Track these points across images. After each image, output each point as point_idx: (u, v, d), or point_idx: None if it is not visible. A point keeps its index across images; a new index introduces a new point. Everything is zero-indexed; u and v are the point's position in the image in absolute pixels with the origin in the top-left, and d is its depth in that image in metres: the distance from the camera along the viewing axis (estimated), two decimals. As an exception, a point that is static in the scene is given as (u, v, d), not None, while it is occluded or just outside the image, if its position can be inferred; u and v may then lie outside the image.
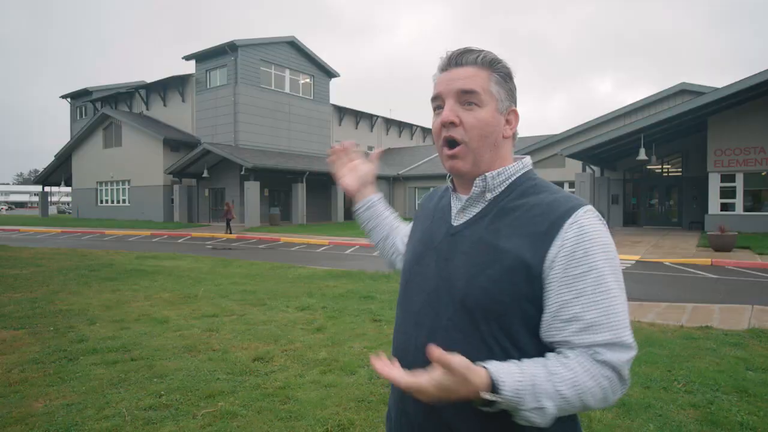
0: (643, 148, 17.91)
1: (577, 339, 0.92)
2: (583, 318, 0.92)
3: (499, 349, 0.96)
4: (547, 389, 0.88)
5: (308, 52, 30.05)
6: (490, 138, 1.05)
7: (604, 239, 0.96)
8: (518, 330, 0.96)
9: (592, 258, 0.93)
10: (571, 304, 0.92)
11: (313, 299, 6.89)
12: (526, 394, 0.87)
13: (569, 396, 0.89)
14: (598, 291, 0.92)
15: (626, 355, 0.92)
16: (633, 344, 0.93)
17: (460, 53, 1.06)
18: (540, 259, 0.94)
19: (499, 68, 1.06)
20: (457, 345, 0.96)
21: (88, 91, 36.95)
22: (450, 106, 1.04)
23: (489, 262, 0.98)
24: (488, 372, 0.87)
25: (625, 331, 0.93)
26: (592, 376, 0.90)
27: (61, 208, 63.54)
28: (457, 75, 1.04)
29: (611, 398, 0.93)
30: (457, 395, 0.87)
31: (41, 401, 3.40)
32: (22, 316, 5.81)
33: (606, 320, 0.91)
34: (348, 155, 1.50)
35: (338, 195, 29.17)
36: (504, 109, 1.06)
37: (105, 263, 10.71)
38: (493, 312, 0.96)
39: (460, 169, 1.06)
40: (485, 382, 0.86)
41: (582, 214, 0.96)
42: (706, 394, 3.54)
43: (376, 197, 1.50)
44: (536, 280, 0.94)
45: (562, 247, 0.94)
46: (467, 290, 0.99)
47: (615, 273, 0.95)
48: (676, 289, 8.16)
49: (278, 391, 3.59)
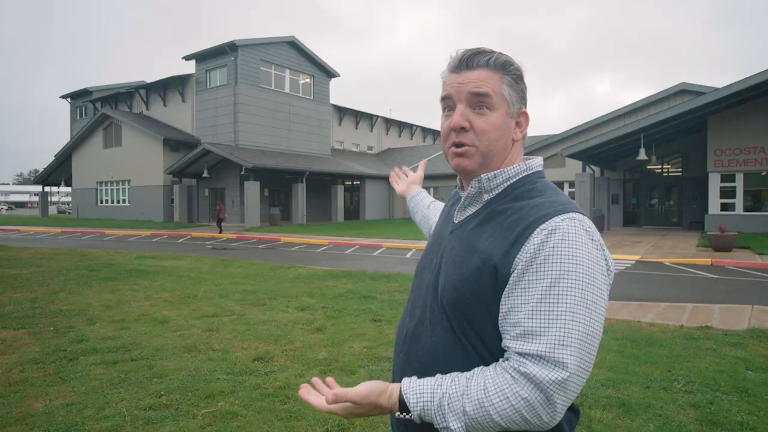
0: (643, 148, 17.91)
1: (512, 344, 0.89)
2: (523, 325, 0.88)
3: (470, 347, 0.98)
4: (455, 409, 0.89)
5: (308, 52, 30.04)
6: (500, 142, 1.04)
7: (576, 249, 0.89)
8: (487, 330, 0.96)
9: (551, 265, 0.88)
10: (517, 309, 0.90)
11: (313, 299, 6.89)
12: (433, 413, 0.90)
13: (476, 416, 0.87)
14: (546, 300, 0.87)
15: (554, 374, 0.83)
16: (568, 365, 0.83)
17: (472, 55, 1.04)
18: (508, 264, 0.93)
19: (511, 71, 1.05)
20: (438, 339, 1.01)
21: (88, 91, 36.94)
22: (461, 111, 1.03)
23: (464, 262, 0.99)
24: (400, 392, 0.94)
25: (564, 348, 0.84)
26: (504, 397, 0.85)
27: (61, 208, 63.51)
28: (469, 78, 1.03)
29: (534, 421, 0.85)
30: (372, 414, 0.96)
31: (41, 401, 3.40)
32: (22, 316, 5.80)
33: (544, 332, 0.86)
34: (403, 176, 1.88)
35: (338, 195, 29.17)
36: (515, 112, 1.05)
37: (105, 263, 10.71)
38: (461, 310, 0.97)
39: (466, 168, 1.06)
40: (395, 403, 0.94)
41: (559, 221, 0.91)
42: (706, 394, 3.54)
43: (417, 191, 1.76)
44: (503, 283, 0.93)
45: (526, 252, 0.91)
46: (444, 287, 1.01)
47: (581, 287, 0.87)
48: (676, 289, 8.15)
49: (278, 391, 3.59)
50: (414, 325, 1.08)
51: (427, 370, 1.00)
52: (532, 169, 1.07)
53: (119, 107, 33.55)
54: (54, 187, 39.86)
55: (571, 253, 0.88)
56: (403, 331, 1.12)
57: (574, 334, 0.85)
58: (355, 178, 31.18)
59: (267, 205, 27.08)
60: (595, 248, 0.92)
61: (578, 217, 0.93)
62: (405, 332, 1.10)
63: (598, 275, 0.90)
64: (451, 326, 0.99)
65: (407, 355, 1.07)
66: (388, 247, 15.49)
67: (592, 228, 0.94)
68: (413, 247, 14.98)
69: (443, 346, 1.00)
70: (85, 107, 37.90)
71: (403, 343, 1.10)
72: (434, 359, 1.00)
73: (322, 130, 31.63)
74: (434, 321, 1.03)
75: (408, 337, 1.09)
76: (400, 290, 7.56)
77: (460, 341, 0.98)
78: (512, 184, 1.05)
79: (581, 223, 0.93)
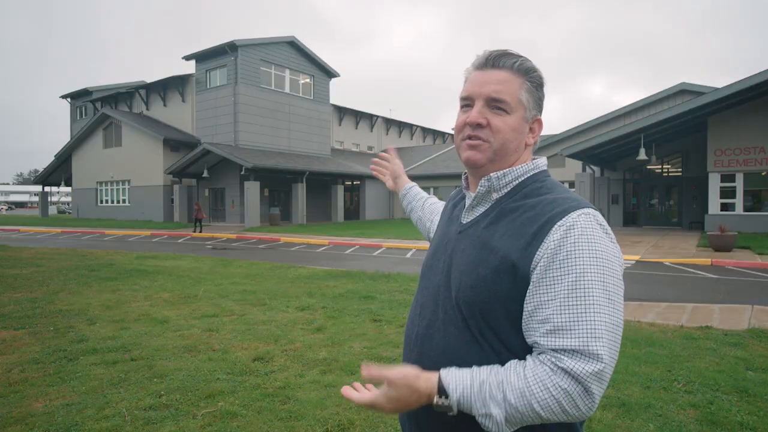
0: (643, 148, 17.91)
1: (544, 342, 0.90)
2: (553, 321, 0.90)
3: (487, 346, 0.98)
4: (496, 397, 0.89)
5: (308, 52, 30.03)
6: (513, 143, 1.06)
7: (595, 243, 0.92)
8: (505, 328, 0.97)
9: (573, 261, 0.90)
10: (545, 306, 0.91)
11: (313, 299, 6.89)
12: (474, 399, 0.90)
13: (518, 405, 0.88)
14: (573, 296, 0.89)
15: (591, 366, 0.86)
16: (603, 356, 0.86)
17: (499, 55, 1.07)
18: (528, 261, 0.94)
19: (533, 77, 1.07)
20: (451, 338, 1.02)
21: (88, 91, 36.94)
22: (479, 108, 1.05)
23: (480, 261, 1.00)
24: (439, 377, 0.93)
25: (596, 341, 0.87)
26: (544, 387, 0.87)
27: (61, 208, 63.52)
28: (492, 78, 1.05)
29: (573, 412, 0.87)
30: (411, 403, 0.94)
31: (41, 401, 3.40)
32: (22, 316, 5.80)
33: (575, 326, 0.88)
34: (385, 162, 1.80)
35: (338, 195, 29.18)
36: (530, 118, 1.08)
37: (105, 263, 10.71)
38: (479, 309, 0.98)
39: (477, 161, 1.07)
40: (434, 387, 0.93)
41: (576, 217, 0.94)
42: (706, 394, 3.54)
43: (408, 186, 1.74)
44: (523, 281, 0.95)
45: (547, 248, 0.93)
46: (459, 286, 1.02)
47: (603, 280, 0.90)
48: (676, 289, 8.15)
49: (278, 391, 3.59)
50: (425, 326, 1.09)
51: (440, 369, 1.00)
52: (539, 168, 1.09)
53: (119, 107, 33.55)
54: (54, 187, 39.87)
55: (591, 247, 0.91)
56: (413, 332, 1.12)
57: (603, 326, 0.88)
58: (355, 178, 31.19)
59: (267, 205, 27.09)
60: (611, 241, 0.96)
61: (592, 212, 0.97)
62: (416, 333, 1.11)
63: (616, 267, 0.94)
64: (467, 325, 1.00)
65: (419, 356, 1.08)
66: (388, 247, 15.49)
67: (604, 222, 0.98)
68: (413, 247, 14.98)
69: (457, 345, 1.01)
70: (85, 107, 37.90)
71: (414, 344, 1.11)
72: (448, 358, 1.01)
73: (322, 130, 31.63)
74: (447, 321, 1.04)
75: (419, 338, 1.09)
76: (400, 290, 7.56)
77: (476, 340, 0.99)
78: (521, 183, 1.07)
79: (595, 218, 0.96)
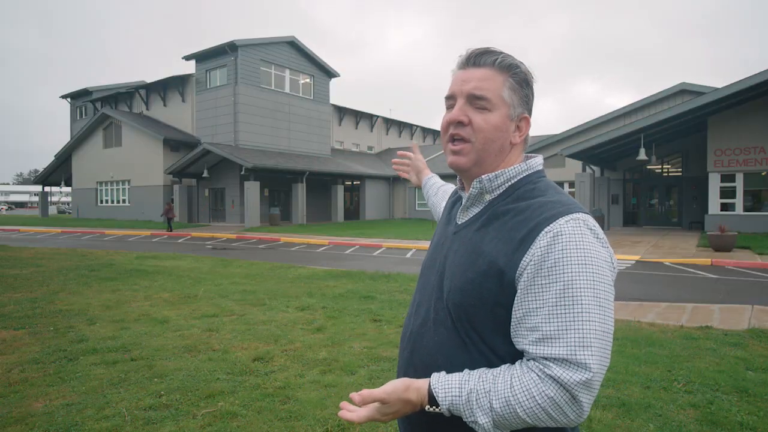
0: (643, 148, 17.91)
1: (533, 349, 0.90)
2: (541, 329, 0.89)
3: (474, 348, 0.98)
4: (483, 405, 0.90)
5: (308, 52, 30.03)
6: (497, 142, 1.05)
7: (584, 250, 0.90)
8: (491, 333, 0.97)
9: (562, 269, 0.89)
10: (533, 314, 0.90)
11: (313, 299, 6.89)
12: (462, 408, 0.92)
13: (504, 413, 0.88)
14: (562, 303, 0.88)
15: (579, 375, 0.85)
16: (591, 365, 0.85)
17: (479, 53, 1.06)
18: (514, 267, 0.93)
19: (516, 73, 1.05)
20: (441, 339, 1.03)
21: (88, 91, 36.94)
22: (460, 106, 1.05)
23: (470, 264, 0.99)
24: (428, 386, 0.95)
25: (585, 349, 0.85)
26: (530, 396, 0.87)
27: (61, 208, 63.50)
28: (472, 76, 1.04)
29: (561, 419, 0.87)
30: (405, 412, 0.97)
31: (41, 401, 3.40)
32: (22, 316, 5.80)
33: (564, 335, 0.87)
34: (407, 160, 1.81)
35: (338, 195, 29.17)
36: (515, 116, 1.06)
37: (105, 263, 10.71)
38: (465, 312, 0.98)
39: (461, 166, 1.07)
40: (424, 397, 0.95)
41: (563, 223, 0.92)
42: (706, 394, 3.54)
43: (427, 178, 1.77)
44: (510, 287, 0.94)
45: (533, 255, 0.91)
46: (450, 288, 1.02)
47: (593, 287, 0.88)
48: (676, 289, 8.15)
49: (278, 391, 3.59)
50: (419, 324, 1.09)
51: (429, 368, 1.01)
52: (532, 169, 1.07)
53: (119, 107, 33.54)
54: (54, 187, 39.87)
55: (580, 254, 0.89)
56: (408, 330, 1.14)
57: (592, 334, 0.87)
58: (355, 178, 31.18)
59: (267, 205, 27.08)
60: (601, 246, 0.93)
61: (582, 217, 0.94)
62: (410, 331, 1.12)
63: (607, 272, 0.92)
64: (455, 327, 1.00)
65: (411, 354, 1.09)
66: (388, 247, 15.49)
67: (596, 226, 0.95)
68: (413, 247, 14.98)
69: (446, 346, 1.01)
70: (85, 107, 37.90)
71: (407, 342, 1.12)
72: (436, 359, 1.02)
73: (322, 130, 31.62)
74: (438, 321, 1.04)
75: (412, 336, 1.10)
76: (400, 290, 7.56)
77: (464, 342, 0.99)
78: (513, 184, 1.05)
79: (585, 223, 0.94)
